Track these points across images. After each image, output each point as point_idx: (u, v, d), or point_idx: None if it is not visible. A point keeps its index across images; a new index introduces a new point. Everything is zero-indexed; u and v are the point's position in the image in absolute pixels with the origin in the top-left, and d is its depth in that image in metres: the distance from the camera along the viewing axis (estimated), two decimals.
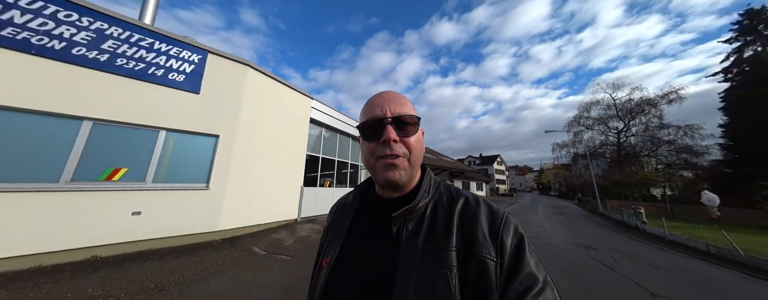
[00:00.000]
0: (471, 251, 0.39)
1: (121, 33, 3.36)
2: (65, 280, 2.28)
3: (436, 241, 0.41)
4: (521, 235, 0.42)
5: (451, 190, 0.49)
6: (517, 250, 0.40)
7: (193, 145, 4.01)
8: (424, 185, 0.47)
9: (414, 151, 0.45)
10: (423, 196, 0.45)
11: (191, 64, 4.03)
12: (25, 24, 2.71)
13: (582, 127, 22.45)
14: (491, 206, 0.45)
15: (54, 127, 2.86)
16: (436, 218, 0.44)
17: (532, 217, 11.03)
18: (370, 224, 0.49)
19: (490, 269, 0.38)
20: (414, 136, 0.46)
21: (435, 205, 0.46)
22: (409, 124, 0.45)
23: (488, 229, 0.41)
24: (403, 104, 0.47)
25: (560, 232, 7.29)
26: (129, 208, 3.21)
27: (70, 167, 2.88)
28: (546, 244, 5.46)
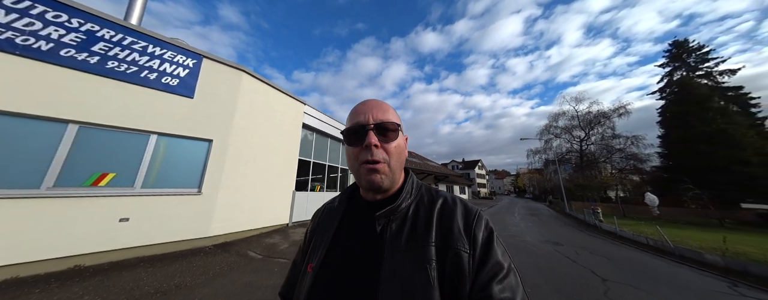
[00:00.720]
0: (448, 245, 0.42)
1: (113, 35, 3.30)
2: (54, 290, 2.19)
3: (417, 238, 0.44)
4: (491, 229, 0.45)
5: (432, 191, 0.53)
6: (486, 242, 0.43)
7: (186, 150, 3.94)
8: (407, 187, 0.50)
9: (393, 156, 0.47)
10: (405, 197, 0.48)
11: (185, 68, 4.01)
12: (9, 23, 2.60)
13: (551, 136, 24.91)
14: (466, 205, 0.49)
15: (36, 131, 2.72)
16: (417, 217, 0.47)
17: (510, 218, 11.95)
18: (356, 226, 0.50)
19: (464, 260, 0.40)
20: (394, 142, 0.48)
21: (417, 206, 0.49)
22: (390, 131, 0.48)
23: (463, 224, 0.45)
24: (385, 111, 0.49)
25: (533, 231, 8.09)
26: (116, 214, 3.09)
27: (52, 172, 2.74)
28: (521, 242, 6.08)
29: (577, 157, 23.70)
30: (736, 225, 10.24)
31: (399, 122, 0.50)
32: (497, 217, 11.68)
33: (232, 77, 4.65)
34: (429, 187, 0.54)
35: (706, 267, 4.71)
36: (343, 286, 0.44)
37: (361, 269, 0.44)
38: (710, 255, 4.98)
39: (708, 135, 14.09)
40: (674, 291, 3.31)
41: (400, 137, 0.50)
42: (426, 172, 18.09)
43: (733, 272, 4.38)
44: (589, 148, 22.95)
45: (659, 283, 3.62)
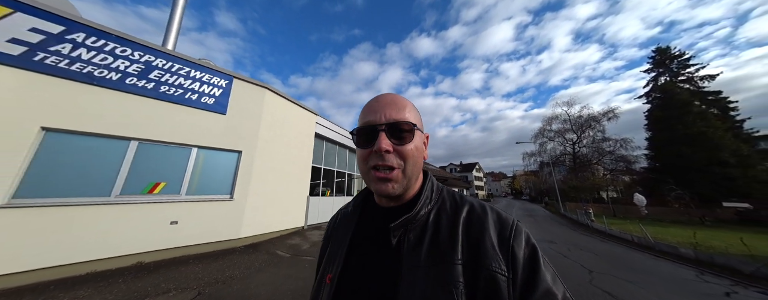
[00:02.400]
0: (479, 264, 0.36)
1: (164, 63, 3.84)
2: (133, 279, 2.66)
3: (440, 253, 0.38)
4: (534, 246, 0.39)
5: (455, 196, 0.47)
6: (531, 263, 0.37)
7: (219, 161, 4.44)
8: (426, 192, 0.45)
9: (409, 161, 0.42)
10: (424, 203, 0.43)
11: (219, 88, 4.55)
12: (89, 60, 3.13)
13: (546, 139, 25.82)
14: (499, 213, 0.42)
15: (108, 147, 3.22)
16: (439, 227, 0.41)
17: None
18: (371, 236, 0.46)
19: (502, 285, 0.35)
20: (411, 144, 0.42)
21: (438, 213, 0.44)
22: (406, 131, 0.42)
23: (497, 239, 0.38)
24: (401, 109, 0.43)
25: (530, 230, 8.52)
26: (168, 217, 3.56)
27: (119, 182, 3.23)
28: None
29: (570, 160, 24.59)
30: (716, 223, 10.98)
31: (416, 120, 0.45)
32: None
33: (257, 94, 5.20)
34: (452, 192, 0.49)
35: (681, 259, 5.32)
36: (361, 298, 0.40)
37: (379, 285, 0.40)
38: (684, 249, 5.60)
39: (689, 137, 15.03)
40: (647, 278, 3.89)
41: (418, 137, 0.44)
42: None
43: (703, 263, 4.99)
44: (581, 151, 23.88)
45: (637, 272, 4.20)
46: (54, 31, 2.90)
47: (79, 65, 3.04)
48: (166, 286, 2.57)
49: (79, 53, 3.06)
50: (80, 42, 3.07)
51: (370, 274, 0.42)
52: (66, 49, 2.96)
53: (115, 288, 2.50)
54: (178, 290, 2.51)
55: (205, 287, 2.61)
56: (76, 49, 3.03)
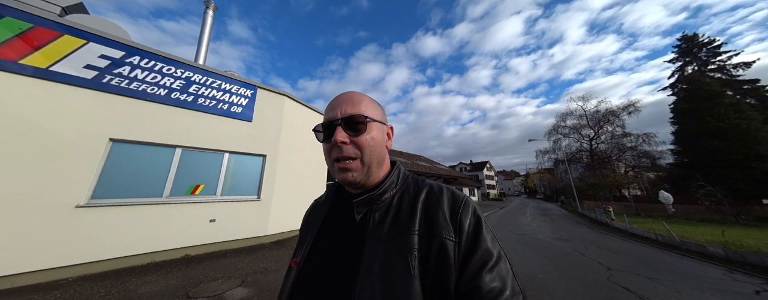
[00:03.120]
0: (432, 233, 0.41)
1: (201, 78, 4.30)
2: (185, 269, 3.06)
3: (399, 227, 0.43)
4: (479, 216, 0.44)
5: (418, 181, 0.52)
6: (474, 230, 0.42)
7: (247, 164, 4.86)
8: (391, 178, 0.49)
9: (366, 150, 0.45)
10: (389, 187, 0.48)
11: (246, 98, 4.98)
12: (143, 79, 3.61)
13: (560, 135, 24.93)
14: (453, 192, 0.47)
15: (158, 154, 3.69)
16: (401, 207, 0.46)
17: (521, 218, 12.33)
18: (341, 218, 0.50)
19: (449, 249, 0.40)
20: (367, 135, 0.46)
21: (402, 196, 0.48)
22: (360, 123, 0.45)
23: (449, 212, 0.44)
24: (356, 104, 0.47)
25: (545, 229, 8.54)
26: (207, 216, 4.00)
27: (168, 184, 3.69)
28: (533, 239, 6.61)
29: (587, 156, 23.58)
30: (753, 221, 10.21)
31: (372, 113, 0.48)
32: (509, 218, 12.08)
33: (278, 102, 5.61)
34: (416, 178, 0.53)
35: (709, 258, 5.11)
36: (324, 276, 0.44)
37: (343, 259, 0.44)
38: (713, 247, 5.37)
39: (721, 130, 14.01)
40: (669, 276, 3.83)
41: (376, 129, 0.48)
42: (436, 175, 18.66)
43: (734, 262, 4.78)
44: (599, 147, 22.83)
45: (659, 270, 4.12)
46: (117, 56, 3.39)
47: (136, 84, 3.53)
48: (214, 275, 2.95)
49: (136, 74, 3.54)
50: (136, 64, 3.56)
51: (336, 251, 0.46)
52: (126, 71, 3.45)
53: (173, 275, 2.90)
54: (224, 278, 2.88)
55: (246, 276, 2.96)
56: (133, 70, 3.52)
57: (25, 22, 2.80)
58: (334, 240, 0.49)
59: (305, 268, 0.47)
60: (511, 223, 10.04)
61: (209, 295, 2.45)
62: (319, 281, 0.44)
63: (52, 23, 2.98)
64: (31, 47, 2.80)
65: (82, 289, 2.49)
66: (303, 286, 0.45)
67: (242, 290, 2.59)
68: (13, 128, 2.67)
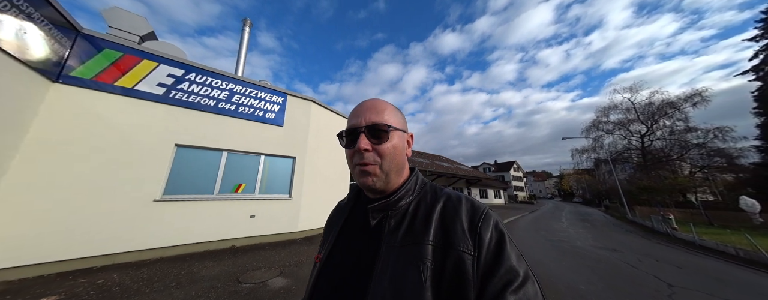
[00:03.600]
0: (449, 245, 0.40)
1: (241, 89, 4.84)
2: (233, 258, 3.49)
3: (413, 236, 0.43)
4: (502, 231, 0.42)
5: (436, 189, 0.52)
6: (497, 245, 0.40)
7: (279, 166, 5.31)
8: (408, 185, 0.50)
9: (387, 158, 0.47)
10: (406, 194, 0.49)
11: (277, 104, 5.45)
12: (198, 92, 4.21)
13: (601, 132, 22.10)
14: (473, 203, 0.46)
15: (209, 157, 4.26)
16: (417, 215, 0.46)
17: (555, 223, 11.26)
18: (359, 222, 0.52)
19: (467, 263, 0.38)
20: (388, 143, 0.47)
21: (418, 203, 0.49)
22: (383, 132, 0.47)
23: (467, 224, 0.42)
24: (379, 112, 0.49)
25: (585, 237, 7.69)
26: (248, 212, 4.47)
27: (217, 183, 4.22)
28: (571, 247, 6.01)
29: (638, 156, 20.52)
30: None
31: (394, 122, 0.50)
32: (541, 223, 11.12)
33: (305, 107, 6.02)
34: (435, 186, 0.53)
35: None
36: (341, 278, 0.46)
37: (359, 261, 0.45)
38: None
39: None
40: (754, 298, 3.18)
41: (397, 137, 0.49)
42: (457, 175, 18.00)
43: None
44: (653, 145, 19.67)
45: (741, 291, 3.44)
46: (179, 74, 4.03)
47: (193, 97, 4.13)
48: (257, 265, 3.30)
49: (192, 88, 4.15)
50: (192, 79, 4.17)
51: (353, 252, 0.49)
52: (185, 86, 4.07)
53: (225, 263, 3.33)
54: (266, 268, 3.20)
55: (284, 268, 3.25)
56: (190, 85, 4.13)
57: (117, 52, 3.50)
58: (352, 242, 0.51)
59: (326, 265, 0.51)
60: (544, 228, 9.25)
61: (255, 282, 2.76)
62: (337, 280, 0.47)
63: (135, 51, 3.67)
64: (121, 72, 3.48)
65: (161, 269, 3.01)
66: (324, 282, 0.49)
67: (282, 280, 2.86)
68: (112, 136, 3.35)
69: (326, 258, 0.51)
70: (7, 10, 2.31)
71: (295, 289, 2.64)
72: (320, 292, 0.48)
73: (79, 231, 2.98)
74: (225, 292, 2.46)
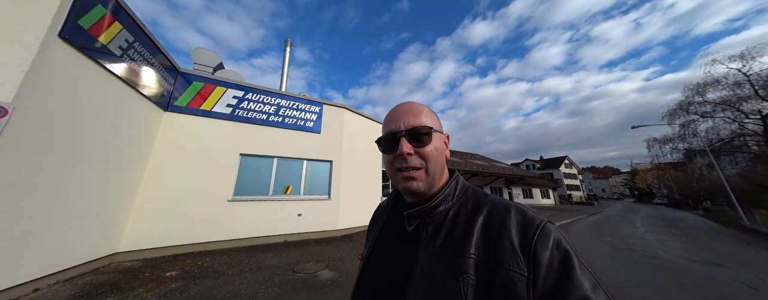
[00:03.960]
0: (495, 262, 0.37)
1: (285, 103, 5.53)
2: (286, 251, 4.02)
3: (453, 246, 0.41)
4: (566, 250, 0.37)
5: (480, 195, 0.48)
6: (561, 269, 0.35)
7: (319, 169, 5.84)
8: (447, 190, 0.48)
9: (430, 161, 0.46)
10: (445, 200, 0.47)
11: (315, 114, 6.01)
12: (256, 108, 5.00)
13: (694, 116, 17.27)
14: (525, 213, 0.41)
15: (264, 164, 5.00)
16: (456, 222, 0.44)
17: (625, 228, 9.36)
18: (397, 227, 0.51)
19: (519, 286, 0.34)
20: (430, 146, 0.47)
21: (458, 210, 0.46)
22: (424, 135, 0.46)
23: (518, 239, 0.38)
24: (417, 115, 0.48)
25: (672, 247, 6.19)
26: (296, 211, 5.07)
27: (271, 186, 4.92)
28: (651, 258, 4.94)
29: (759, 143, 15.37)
30: None
31: (433, 124, 0.49)
32: (605, 227, 9.37)
33: (339, 114, 6.48)
34: (478, 191, 0.50)
35: None
36: (380, 281, 0.47)
37: (396, 268, 0.45)
38: None
39: None
40: None
41: (437, 138, 0.49)
42: (494, 174, 16.57)
43: None
44: None
45: None
46: (240, 95, 4.87)
47: (250, 113, 4.93)
48: (306, 258, 3.73)
49: (250, 106, 4.96)
50: (250, 98, 4.98)
51: (391, 257, 0.49)
52: (245, 104, 4.89)
53: (281, 255, 3.87)
54: (314, 261, 3.60)
55: (329, 262, 3.60)
56: (248, 103, 4.95)
57: (201, 83, 4.46)
58: (390, 246, 0.51)
59: (368, 265, 0.53)
60: (608, 233, 7.79)
61: (307, 272, 3.15)
62: (377, 282, 0.48)
63: (211, 80, 4.62)
64: (203, 98, 4.42)
65: (235, 257, 3.70)
66: (366, 283, 0.52)
67: (328, 272, 3.18)
68: (198, 149, 4.28)
69: (367, 259, 0.54)
70: (137, 59, 3.21)
71: (340, 280, 2.91)
72: (364, 291, 0.51)
73: (183, 223, 3.89)
74: (285, 279, 2.89)
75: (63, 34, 2.14)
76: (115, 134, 3.02)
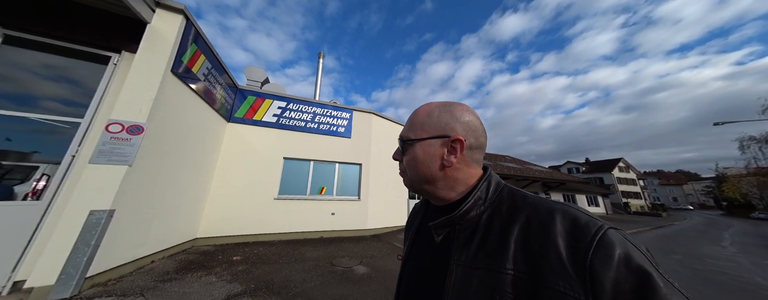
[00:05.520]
0: (538, 280, 0.31)
1: (321, 111, 6.09)
2: (323, 246, 4.41)
3: (487, 256, 0.36)
4: (642, 270, 0.27)
5: (516, 197, 0.41)
6: (636, 293, 0.26)
7: (349, 171, 6.24)
8: (478, 193, 0.42)
9: (408, 170, 0.48)
10: (476, 205, 0.41)
11: (346, 120, 6.46)
12: (296, 117, 5.65)
13: None
14: (576, 217, 0.33)
15: (302, 166, 5.59)
16: (490, 231, 0.38)
17: (709, 247, 7.70)
18: (425, 231, 0.50)
19: None
20: (407, 155, 0.47)
21: (491, 216, 0.40)
22: (404, 144, 0.48)
23: (568, 252, 0.31)
24: (410, 123, 0.48)
25: None
26: (330, 210, 5.51)
27: (308, 186, 5.46)
28: (742, 284, 4.05)
29: None
30: None
31: (423, 131, 0.46)
32: (675, 243, 7.82)
33: (367, 119, 6.84)
34: (515, 191, 0.43)
35: None
36: (415, 290, 0.47)
37: (428, 278, 0.44)
38: None
39: None
40: None
41: (420, 148, 0.45)
42: (529, 178, 15.15)
43: None
44: None
45: None
46: (283, 105, 5.56)
47: (291, 121, 5.58)
48: (342, 253, 4.06)
49: (291, 115, 5.61)
50: (291, 108, 5.64)
51: (424, 263, 0.48)
52: (287, 114, 5.56)
53: (318, 249, 4.28)
54: (349, 257, 3.90)
55: (363, 259, 3.85)
56: (291, 112, 5.61)
57: (253, 97, 5.26)
58: (423, 254, 0.49)
59: (405, 270, 0.53)
60: (681, 251, 6.53)
61: (344, 266, 3.44)
62: (413, 288, 0.48)
63: (260, 94, 5.39)
64: (254, 110, 5.19)
65: (282, 248, 4.22)
66: (404, 288, 0.52)
67: (363, 268, 3.43)
68: (251, 153, 5.02)
69: (404, 262, 0.54)
70: (212, 81, 3.97)
71: (375, 276, 3.12)
72: (404, 291, 0.52)
73: (241, 217, 4.59)
74: (326, 271, 3.22)
75: (173, 69, 2.84)
76: (200, 142, 3.80)
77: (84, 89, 2.61)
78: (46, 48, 2.50)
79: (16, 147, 2.31)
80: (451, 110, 0.46)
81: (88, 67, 2.66)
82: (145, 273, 2.68)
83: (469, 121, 0.45)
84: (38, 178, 2.27)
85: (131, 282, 2.40)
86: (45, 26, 2.43)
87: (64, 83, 2.60)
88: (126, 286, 2.30)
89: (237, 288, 2.50)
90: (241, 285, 2.58)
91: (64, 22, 2.52)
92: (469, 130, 0.45)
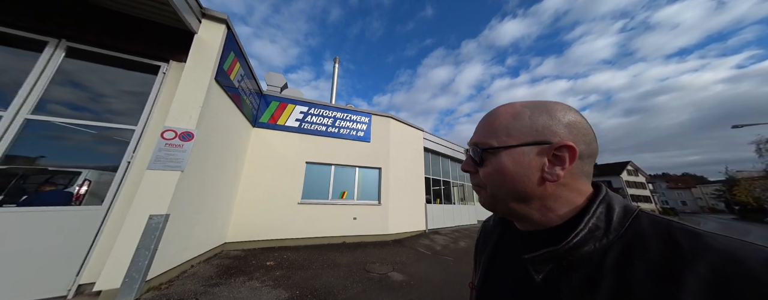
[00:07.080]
0: None
1: (341, 115, 6.15)
2: (349, 251, 4.38)
3: None
4: None
5: (675, 232, 0.28)
6: None
7: (369, 176, 6.24)
8: (593, 220, 0.31)
9: (490, 183, 0.37)
10: (592, 236, 0.30)
11: (364, 124, 6.50)
12: (317, 121, 5.71)
13: None
14: None
15: (324, 170, 5.61)
16: (632, 283, 0.26)
17: None
18: (508, 260, 0.41)
19: None
20: (488, 167, 0.37)
21: (627, 258, 0.28)
22: (482, 152, 0.38)
23: None
24: (488, 127, 0.38)
25: None
26: (351, 215, 5.50)
27: (330, 191, 5.47)
28: None
29: None
30: None
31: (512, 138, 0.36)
32: None
33: (385, 123, 6.88)
34: (671, 226, 0.29)
35: None
36: None
37: None
38: None
39: None
40: None
41: (507, 156, 0.36)
42: None
43: None
44: None
45: None
46: (304, 110, 5.63)
47: (313, 126, 5.64)
48: (371, 259, 4.03)
49: (313, 119, 5.68)
50: (312, 113, 5.71)
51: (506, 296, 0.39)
52: (308, 118, 5.63)
53: (346, 254, 4.25)
54: (379, 263, 3.87)
55: (394, 265, 3.81)
56: (312, 117, 5.67)
57: (276, 102, 5.34)
58: (502, 290, 0.40)
59: (480, 296, 0.46)
60: None
61: (379, 272, 3.41)
62: None
63: (283, 99, 5.47)
64: (278, 115, 5.27)
65: (309, 253, 4.20)
66: None
67: (398, 274, 3.39)
68: (275, 157, 5.06)
69: (479, 291, 0.46)
70: (244, 87, 4.04)
71: (413, 283, 3.07)
72: None
73: (267, 221, 4.60)
74: (362, 278, 3.19)
75: (216, 77, 2.92)
76: (233, 147, 3.87)
77: (136, 98, 2.69)
78: (103, 59, 2.60)
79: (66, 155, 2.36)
80: (548, 109, 0.36)
81: (139, 77, 2.75)
82: (189, 277, 2.69)
83: (576, 123, 0.35)
84: (80, 184, 2.33)
85: (182, 286, 2.41)
86: (109, 38, 2.53)
87: (118, 93, 2.68)
88: (179, 290, 2.31)
89: (283, 294, 2.49)
90: (285, 291, 2.57)
91: (125, 35, 2.63)
92: (578, 134, 0.35)
